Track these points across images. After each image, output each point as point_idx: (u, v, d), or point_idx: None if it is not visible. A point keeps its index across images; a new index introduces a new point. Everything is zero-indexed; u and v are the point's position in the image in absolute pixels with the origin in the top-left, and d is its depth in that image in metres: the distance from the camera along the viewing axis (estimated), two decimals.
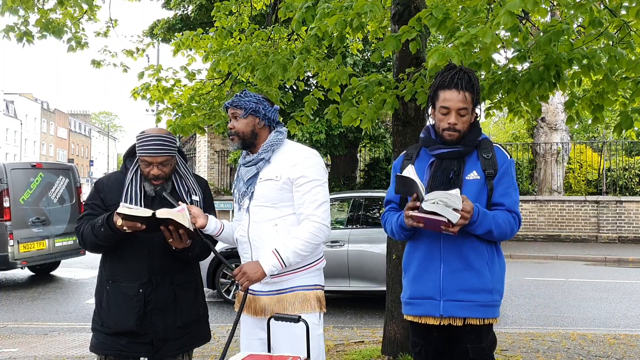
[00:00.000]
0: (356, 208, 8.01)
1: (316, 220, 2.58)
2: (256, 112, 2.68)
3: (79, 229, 2.77)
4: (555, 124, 17.09)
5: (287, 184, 2.61)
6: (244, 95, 2.70)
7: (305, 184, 2.60)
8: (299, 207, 2.61)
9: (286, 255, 2.53)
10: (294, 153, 2.68)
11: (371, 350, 5.19)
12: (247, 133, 2.69)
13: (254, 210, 2.66)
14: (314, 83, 14.57)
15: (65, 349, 5.78)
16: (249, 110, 2.67)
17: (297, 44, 5.51)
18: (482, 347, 2.58)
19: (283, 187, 2.61)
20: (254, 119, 2.69)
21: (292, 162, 2.62)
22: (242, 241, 2.72)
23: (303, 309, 2.60)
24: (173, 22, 18.77)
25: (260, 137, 2.71)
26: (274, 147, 2.68)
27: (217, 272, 8.06)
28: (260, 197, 2.64)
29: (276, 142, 2.70)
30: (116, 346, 2.72)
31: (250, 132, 2.69)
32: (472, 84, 2.55)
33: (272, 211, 2.62)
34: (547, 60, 3.69)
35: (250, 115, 2.68)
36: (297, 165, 2.62)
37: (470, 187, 2.53)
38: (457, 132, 2.55)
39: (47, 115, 63.72)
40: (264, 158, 2.67)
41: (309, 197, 2.59)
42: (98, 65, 6.93)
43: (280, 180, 2.61)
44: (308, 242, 2.56)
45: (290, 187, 2.61)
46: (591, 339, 5.91)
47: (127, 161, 2.85)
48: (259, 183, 2.65)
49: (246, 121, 2.68)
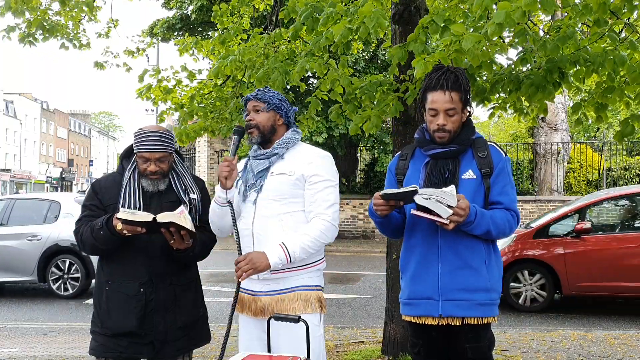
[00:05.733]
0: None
1: (326, 219, 2.58)
2: (278, 109, 2.70)
3: (77, 231, 2.76)
4: (555, 124, 17.07)
5: (300, 180, 2.61)
6: (267, 90, 2.71)
7: (319, 183, 2.60)
8: (310, 205, 2.60)
9: (293, 249, 2.51)
10: (309, 152, 2.69)
11: (371, 350, 5.19)
12: (267, 127, 2.68)
13: (261, 203, 2.63)
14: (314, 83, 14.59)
15: (65, 349, 5.78)
16: (272, 105, 2.68)
17: (297, 44, 5.50)
18: (480, 347, 2.58)
19: (295, 183, 2.61)
20: (275, 114, 2.70)
21: (308, 160, 2.63)
22: (244, 234, 2.66)
23: (304, 310, 2.59)
24: (173, 21, 18.78)
25: (278, 133, 2.71)
26: (289, 144, 2.69)
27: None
28: (270, 191, 2.61)
29: (292, 140, 2.70)
30: (117, 348, 2.71)
31: (270, 126, 2.69)
32: (459, 83, 2.55)
33: (280, 206, 2.60)
34: (549, 63, 3.69)
35: (272, 110, 2.69)
36: (312, 163, 2.62)
37: (466, 186, 2.53)
38: (447, 132, 2.56)
39: (46, 115, 63.68)
40: (277, 153, 2.66)
41: (322, 196, 2.60)
42: (101, 67, 6.94)
43: (293, 175, 2.60)
44: (316, 240, 2.55)
45: (303, 184, 2.61)
46: (591, 339, 5.91)
47: (124, 161, 2.85)
48: (269, 177, 2.64)
49: (268, 115, 2.68)
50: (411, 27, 3.63)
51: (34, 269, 8.74)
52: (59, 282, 8.78)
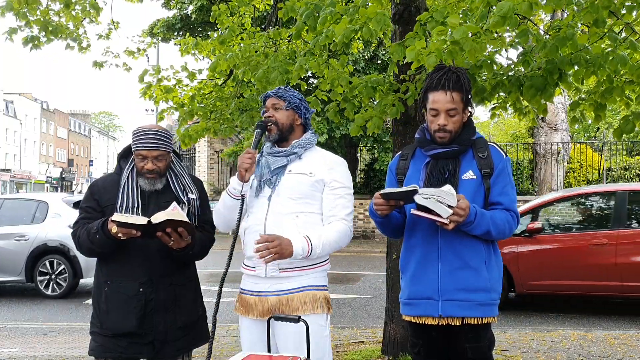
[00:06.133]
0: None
1: (347, 224, 2.62)
2: (297, 108, 2.71)
3: (75, 233, 2.76)
4: (555, 124, 17.07)
5: (319, 183, 2.63)
6: (288, 89, 2.73)
7: (339, 189, 2.64)
8: (331, 209, 2.62)
9: (316, 243, 2.52)
10: (328, 157, 2.72)
11: (371, 350, 5.19)
12: (286, 125, 2.69)
13: (276, 200, 2.62)
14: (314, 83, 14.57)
15: (65, 349, 5.78)
16: (292, 104, 2.70)
17: (298, 44, 5.51)
18: (480, 347, 2.58)
19: (314, 185, 2.62)
20: (294, 114, 2.71)
21: (329, 166, 2.66)
22: (253, 229, 2.63)
23: (313, 310, 2.57)
24: (173, 21, 18.76)
25: (295, 133, 2.72)
26: (307, 145, 2.71)
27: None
28: (287, 190, 2.61)
29: (311, 141, 2.73)
30: (117, 348, 2.71)
31: (289, 125, 2.70)
32: (460, 83, 2.55)
33: (296, 205, 2.59)
34: (549, 65, 3.68)
35: (291, 109, 2.70)
36: (333, 169, 2.66)
37: (466, 186, 2.53)
38: (447, 132, 2.56)
39: (46, 115, 63.66)
40: (296, 153, 2.67)
41: (342, 202, 2.64)
42: (100, 66, 6.95)
43: (314, 177, 2.62)
44: (336, 241, 2.59)
45: (321, 187, 2.63)
46: (591, 339, 5.91)
47: (121, 162, 2.86)
48: (287, 174, 2.64)
49: (287, 114, 2.70)
50: (411, 27, 3.61)
51: (22, 269, 8.77)
52: (47, 282, 8.81)
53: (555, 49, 3.41)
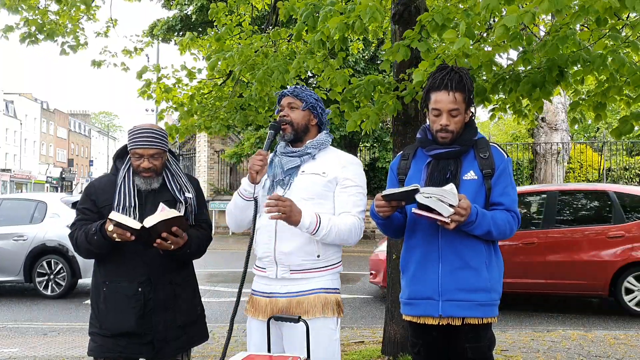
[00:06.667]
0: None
1: (358, 220, 2.60)
2: (314, 109, 2.70)
3: (72, 234, 2.76)
4: (555, 124, 17.07)
5: (332, 182, 2.61)
6: (305, 89, 2.71)
7: (352, 187, 2.62)
8: (343, 207, 2.60)
9: (324, 224, 2.49)
10: (342, 156, 2.70)
11: (371, 350, 5.18)
12: (301, 125, 2.67)
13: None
14: (315, 83, 14.58)
15: (65, 349, 5.78)
16: (309, 104, 2.68)
17: (298, 45, 5.50)
18: (480, 347, 2.58)
19: (327, 185, 2.60)
20: (310, 114, 2.69)
21: (342, 164, 2.64)
22: (265, 229, 2.62)
23: (324, 313, 2.55)
24: (173, 22, 18.75)
25: (310, 133, 2.70)
26: (322, 146, 2.68)
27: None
28: (301, 190, 2.59)
29: (325, 142, 2.71)
30: (116, 348, 2.71)
31: (304, 125, 2.68)
32: (463, 83, 2.55)
33: (308, 205, 2.55)
34: (549, 62, 3.68)
35: (308, 109, 2.68)
36: (346, 168, 2.64)
37: (467, 187, 2.53)
38: (449, 133, 2.56)
39: (46, 115, 63.66)
40: (310, 153, 2.65)
41: (354, 200, 2.61)
42: (98, 65, 6.95)
43: (327, 177, 2.60)
44: (345, 231, 2.54)
45: (334, 186, 2.61)
46: (591, 339, 5.90)
47: (117, 162, 2.86)
48: (300, 175, 2.62)
49: (303, 113, 2.68)
50: (411, 27, 3.62)
51: (20, 269, 8.76)
52: (45, 282, 8.80)
53: (555, 47, 3.41)
